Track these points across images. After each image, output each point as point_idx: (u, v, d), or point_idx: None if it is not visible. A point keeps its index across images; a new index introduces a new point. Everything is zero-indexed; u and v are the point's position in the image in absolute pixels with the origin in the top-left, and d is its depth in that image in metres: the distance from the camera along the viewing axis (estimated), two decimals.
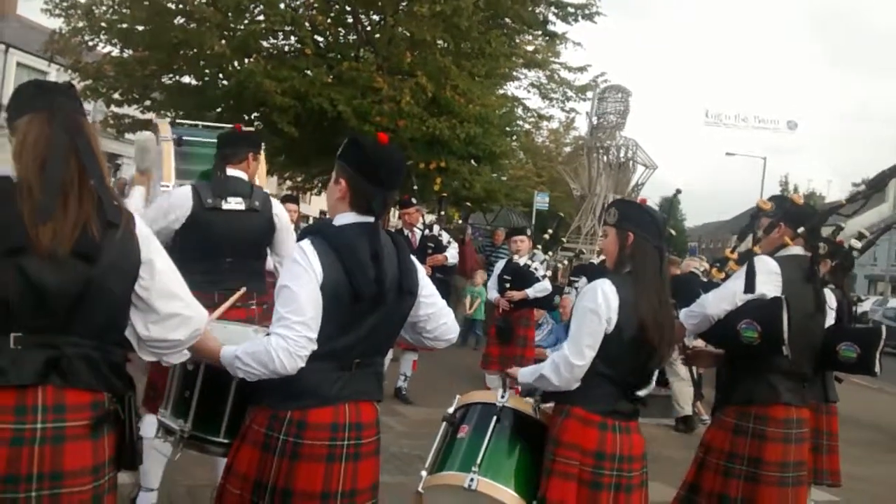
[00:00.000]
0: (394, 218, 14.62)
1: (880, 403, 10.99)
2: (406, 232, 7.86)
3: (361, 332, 2.40)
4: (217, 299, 3.28)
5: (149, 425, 3.43)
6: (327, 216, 2.65)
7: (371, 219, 2.46)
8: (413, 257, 2.63)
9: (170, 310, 2.16)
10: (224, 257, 3.87)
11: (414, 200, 8.16)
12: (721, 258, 3.87)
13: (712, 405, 3.62)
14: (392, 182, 2.49)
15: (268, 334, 2.36)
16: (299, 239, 2.45)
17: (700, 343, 3.81)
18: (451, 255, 8.02)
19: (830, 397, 4.61)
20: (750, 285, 3.32)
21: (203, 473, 4.25)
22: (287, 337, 2.26)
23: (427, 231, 7.99)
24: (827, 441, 4.52)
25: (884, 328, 3.76)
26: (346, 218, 2.47)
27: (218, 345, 2.43)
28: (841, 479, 4.60)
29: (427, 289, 2.62)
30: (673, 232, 3.17)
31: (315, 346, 2.30)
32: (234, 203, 3.90)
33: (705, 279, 4.39)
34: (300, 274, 2.33)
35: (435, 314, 2.65)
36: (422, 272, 2.63)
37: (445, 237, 8.29)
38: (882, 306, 26.44)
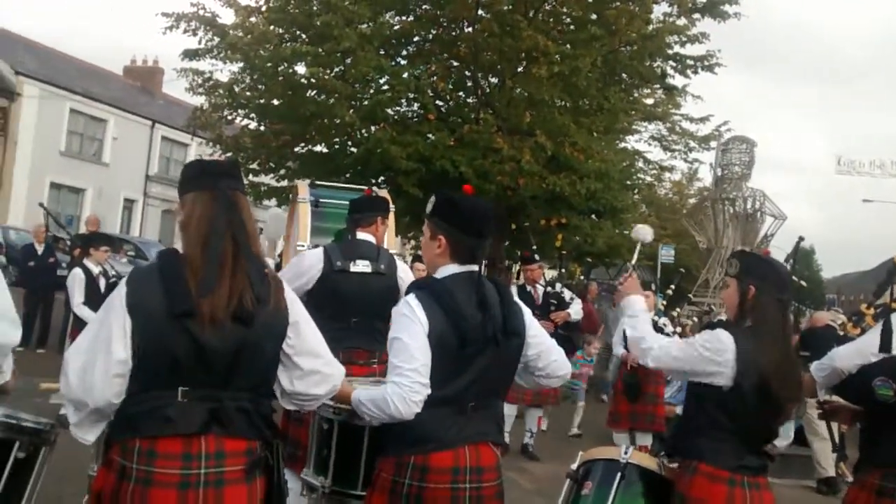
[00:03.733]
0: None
1: None
2: (528, 288, 7.94)
3: (472, 375, 2.50)
4: (341, 357, 3.47)
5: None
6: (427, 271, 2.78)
7: (475, 267, 2.59)
8: (519, 302, 2.72)
9: (312, 367, 2.36)
10: (350, 317, 4.04)
11: (537, 257, 8.26)
12: (857, 312, 3.75)
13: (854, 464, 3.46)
14: (487, 230, 2.62)
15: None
16: (406, 293, 2.59)
17: (839, 399, 3.66)
18: (575, 311, 8.02)
19: None
20: (886, 344, 3.19)
21: None
22: (401, 384, 2.39)
23: (549, 288, 8.05)
24: None
25: None
26: (448, 270, 2.59)
27: (351, 388, 2.61)
28: None
29: (533, 328, 2.69)
30: (803, 283, 3.13)
31: (428, 391, 2.41)
32: (362, 266, 4.11)
33: (841, 333, 4.24)
34: (408, 325, 2.46)
35: (544, 352, 2.71)
36: (527, 313, 2.71)
37: (568, 294, 8.31)
38: None
